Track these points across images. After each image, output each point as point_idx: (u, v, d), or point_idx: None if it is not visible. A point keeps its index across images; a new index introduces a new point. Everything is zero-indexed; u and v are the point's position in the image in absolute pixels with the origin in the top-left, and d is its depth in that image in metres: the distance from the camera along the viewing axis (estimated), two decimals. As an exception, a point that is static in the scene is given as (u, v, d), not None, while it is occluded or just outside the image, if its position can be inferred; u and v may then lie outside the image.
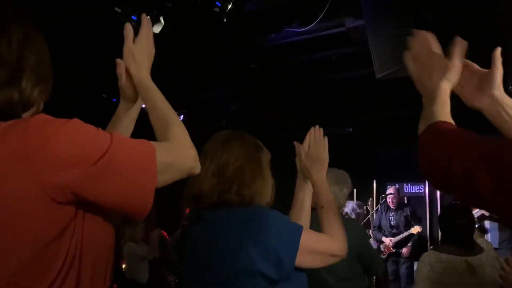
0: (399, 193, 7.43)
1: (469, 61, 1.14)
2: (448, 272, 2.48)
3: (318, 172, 1.69)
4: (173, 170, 1.03)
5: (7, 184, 0.83)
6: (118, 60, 1.27)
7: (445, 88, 1.06)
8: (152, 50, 1.29)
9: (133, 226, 6.01)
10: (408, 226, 7.03)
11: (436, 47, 1.12)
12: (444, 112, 1.03)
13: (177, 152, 1.06)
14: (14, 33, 0.94)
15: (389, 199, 7.20)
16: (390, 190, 7.34)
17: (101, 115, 1.39)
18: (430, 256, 2.58)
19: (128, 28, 1.24)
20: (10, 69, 0.92)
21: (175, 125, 1.16)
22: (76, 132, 0.89)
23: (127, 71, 1.26)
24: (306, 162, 1.71)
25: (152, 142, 1.01)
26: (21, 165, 0.83)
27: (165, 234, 6.84)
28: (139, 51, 1.25)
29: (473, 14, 2.94)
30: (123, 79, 1.29)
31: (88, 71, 5.00)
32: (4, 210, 0.83)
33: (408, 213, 7.13)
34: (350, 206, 5.51)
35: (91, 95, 5.64)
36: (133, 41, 1.26)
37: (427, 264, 2.54)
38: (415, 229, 6.89)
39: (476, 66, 1.15)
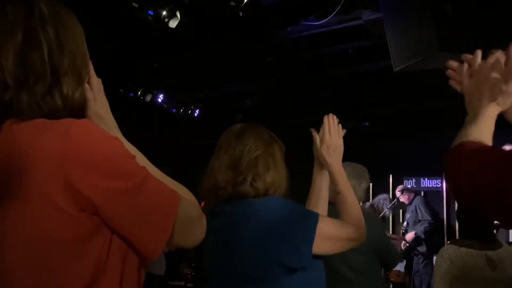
0: (408, 189, 7.41)
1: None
2: (468, 266, 2.45)
3: (334, 159, 1.69)
4: (193, 227, 1.00)
5: (40, 179, 0.83)
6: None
7: (492, 111, 1.03)
8: (107, 103, 1.09)
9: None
10: (414, 223, 7.00)
11: (499, 68, 1.06)
12: (483, 133, 1.00)
13: (199, 211, 1.02)
14: (45, 37, 0.92)
15: (400, 198, 7.21)
16: (397, 189, 7.37)
17: (118, 110, 1.39)
18: (449, 251, 2.55)
19: (88, 89, 1.03)
20: (47, 80, 0.90)
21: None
22: (116, 150, 0.89)
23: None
24: (322, 149, 1.71)
25: (181, 192, 0.97)
26: (57, 162, 0.83)
27: None
28: (104, 110, 1.07)
29: (494, 8, 2.88)
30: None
31: (105, 66, 5.05)
32: (31, 203, 0.84)
33: (414, 208, 7.07)
34: (382, 198, 6.14)
35: (107, 90, 5.69)
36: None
37: (446, 259, 2.51)
38: None
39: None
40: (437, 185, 8.08)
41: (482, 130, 1.01)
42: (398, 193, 7.30)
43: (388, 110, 7.20)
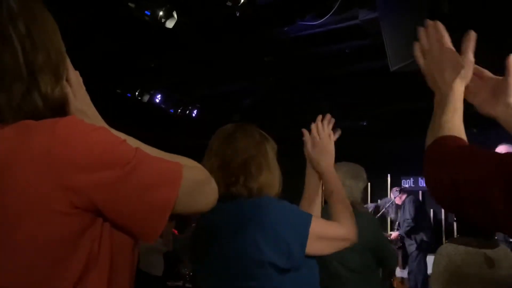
0: (404, 189, 7.50)
1: (480, 68, 1.08)
2: (466, 264, 2.45)
3: (326, 162, 1.69)
4: (199, 195, 0.98)
5: (30, 182, 0.82)
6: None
7: (458, 89, 1.02)
8: (88, 97, 1.08)
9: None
10: (403, 223, 7.08)
11: (447, 40, 1.05)
12: (454, 122, 0.98)
13: (205, 174, 1.01)
14: (16, 34, 0.88)
15: (396, 200, 7.25)
16: (393, 190, 7.48)
17: (115, 110, 1.39)
18: (447, 249, 2.55)
19: (67, 85, 1.02)
20: (23, 80, 0.87)
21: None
22: (104, 139, 0.87)
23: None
24: (313, 153, 1.71)
25: (184, 163, 0.96)
26: (47, 164, 0.82)
27: (176, 232, 6.86)
28: (86, 104, 1.06)
29: (490, 6, 2.89)
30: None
31: (102, 66, 5.04)
32: (23, 207, 0.83)
33: (402, 208, 7.14)
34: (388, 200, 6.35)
35: (105, 90, 5.69)
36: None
37: (444, 256, 2.51)
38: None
39: (488, 73, 1.09)
40: (435, 184, 8.09)
41: (454, 117, 0.98)
42: (393, 194, 7.34)
43: (385, 109, 7.21)
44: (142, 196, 0.88)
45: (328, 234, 1.48)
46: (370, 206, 7.37)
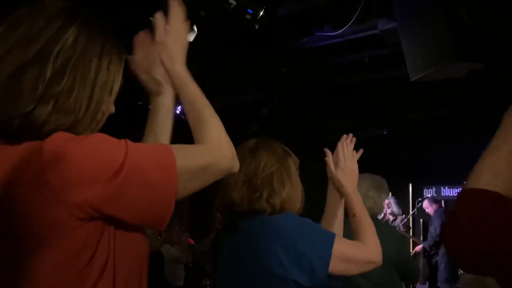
0: (434, 199, 7.34)
1: None
2: None
3: (350, 184, 1.67)
4: (207, 173, 0.99)
5: (31, 205, 0.83)
6: (129, 57, 1.17)
7: None
8: (185, 38, 1.18)
9: (169, 229, 6.11)
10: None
11: None
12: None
13: (210, 155, 1.01)
14: (53, 63, 0.88)
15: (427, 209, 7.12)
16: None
17: (137, 122, 1.41)
18: None
19: (158, 17, 1.15)
20: (32, 101, 0.86)
21: (210, 123, 1.11)
22: (91, 150, 0.85)
23: (162, 63, 1.17)
24: (337, 172, 1.69)
25: (180, 147, 0.96)
26: (41, 185, 0.82)
27: (192, 241, 6.87)
28: (171, 41, 1.15)
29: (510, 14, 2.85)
30: (142, 76, 1.22)
31: (124, 78, 5.12)
32: (31, 231, 0.84)
33: (433, 220, 6.93)
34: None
35: (126, 102, 5.78)
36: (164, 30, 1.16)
37: None
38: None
39: None
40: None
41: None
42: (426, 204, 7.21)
43: (406, 118, 7.15)
44: (143, 197, 0.88)
45: (352, 256, 1.45)
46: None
